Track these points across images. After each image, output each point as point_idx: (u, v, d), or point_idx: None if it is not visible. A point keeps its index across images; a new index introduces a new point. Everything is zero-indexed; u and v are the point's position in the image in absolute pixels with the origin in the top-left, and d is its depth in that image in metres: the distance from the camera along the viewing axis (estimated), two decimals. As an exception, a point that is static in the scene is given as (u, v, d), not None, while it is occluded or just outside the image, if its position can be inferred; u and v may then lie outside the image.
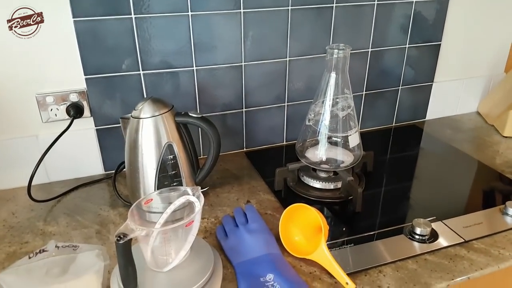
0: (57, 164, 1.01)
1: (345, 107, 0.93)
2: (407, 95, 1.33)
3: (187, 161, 0.87)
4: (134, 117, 0.83)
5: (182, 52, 1.01)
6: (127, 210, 0.91)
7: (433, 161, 1.17)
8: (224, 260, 0.76)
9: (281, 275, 0.71)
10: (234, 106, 1.13)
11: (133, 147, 0.84)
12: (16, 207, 0.94)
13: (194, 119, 0.85)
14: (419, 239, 0.81)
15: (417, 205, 0.95)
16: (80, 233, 0.85)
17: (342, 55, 0.88)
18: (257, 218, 0.85)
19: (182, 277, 0.66)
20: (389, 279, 0.73)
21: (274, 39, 1.09)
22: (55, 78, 0.95)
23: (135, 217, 0.64)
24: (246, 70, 1.09)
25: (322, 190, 0.97)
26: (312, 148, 0.99)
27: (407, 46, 1.25)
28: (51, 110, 0.96)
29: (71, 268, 0.70)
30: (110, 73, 0.98)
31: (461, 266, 0.76)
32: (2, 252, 0.80)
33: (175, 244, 0.67)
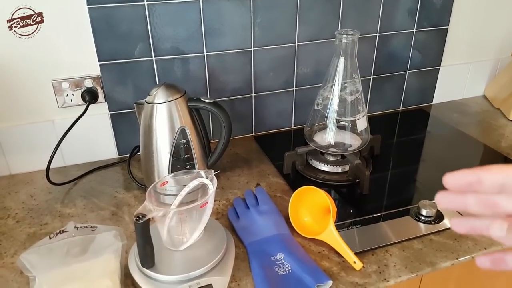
0: (73, 148, 1.04)
1: (353, 92, 0.94)
2: (414, 79, 1.34)
3: (199, 145, 0.89)
4: (149, 102, 0.86)
5: (193, 38, 1.03)
6: (141, 192, 0.95)
7: (440, 144, 1.19)
8: (236, 240, 0.79)
9: (291, 254, 0.74)
10: (243, 91, 1.15)
11: (147, 131, 0.87)
12: (34, 190, 0.97)
13: (206, 104, 0.87)
14: (424, 220, 0.84)
15: (423, 187, 0.97)
16: (96, 215, 0.89)
17: (350, 40, 0.89)
18: (267, 200, 0.88)
19: (197, 255, 0.70)
20: (396, 258, 0.76)
21: (283, 24, 1.10)
22: (70, 64, 0.97)
23: (152, 199, 0.67)
24: (255, 55, 1.11)
25: (330, 173, 1.00)
26: (320, 132, 1.01)
27: (415, 30, 1.25)
28: (66, 95, 0.98)
29: (91, 248, 0.73)
30: (124, 59, 1.00)
31: (466, 246, 0.78)
32: (23, 233, 0.84)
33: (189, 224, 0.70)
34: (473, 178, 0.35)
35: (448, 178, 0.36)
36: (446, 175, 0.36)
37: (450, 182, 0.36)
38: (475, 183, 0.35)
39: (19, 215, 0.89)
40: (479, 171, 0.34)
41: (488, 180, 0.34)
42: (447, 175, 0.36)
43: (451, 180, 0.36)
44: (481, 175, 0.34)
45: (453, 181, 0.36)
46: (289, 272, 0.71)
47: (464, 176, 0.35)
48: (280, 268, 0.72)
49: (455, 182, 0.36)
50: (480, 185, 0.34)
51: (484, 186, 0.34)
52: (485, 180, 0.34)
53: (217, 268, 0.69)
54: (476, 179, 0.34)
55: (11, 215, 0.89)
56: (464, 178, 0.35)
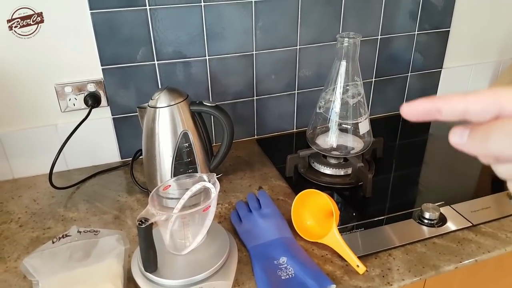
0: (76, 152, 1.04)
1: (355, 95, 0.94)
2: (416, 81, 1.34)
3: (201, 148, 0.89)
4: (151, 106, 0.86)
5: (195, 42, 1.03)
6: (143, 196, 0.95)
7: (442, 146, 1.18)
8: (238, 243, 0.79)
9: (294, 258, 0.74)
10: (245, 94, 1.15)
11: (150, 135, 0.87)
12: (37, 194, 0.97)
13: (208, 108, 0.88)
14: (428, 223, 0.84)
15: (426, 190, 0.97)
16: (99, 219, 0.89)
17: (352, 43, 0.89)
18: (270, 204, 0.88)
19: (199, 259, 0.69)
20: (399, 261, 0.75)
21: (285, 28, 1.10)
22: (73, 68, 0.98)
23: (155, 203, 0.67)
24: (257, 58, 1.11)
25: (332, 176, 0.99)
26: (322, 135, 1.01)
27: (416, 32, 1.25)
28: (69, 99, 0.99)
29: (94, 252, 0.73)
30: (126, 63, 1.00)
31: (469, 249, 0.78)
32: (26, 237, 0.84)
33: (192, 228, 0.70)
34: (459, 106, 0.27)
35: (411, 106, 0.30)
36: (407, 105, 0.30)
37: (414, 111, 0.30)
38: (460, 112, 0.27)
39: (22, 219, 0.89)
40: (465, 97, 0.27)
41: (477, 109, 0.27)
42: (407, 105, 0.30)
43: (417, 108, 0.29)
44: (468, 102, 0.27)
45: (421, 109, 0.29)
46: (292, 276, 0.71)
47: (434, 104, 0.28)
48: (283, 272, 0.72)
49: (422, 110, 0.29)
50: (466, 115, 0.27)
51: (470, 116, 0.27)
52: (472, 110, 0.27)
53: (220, 272, 0.69)
54: (463, 108, 0.27)
55: (14, 219, 0.89)
56: (434, 106, 0.28)
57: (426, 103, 0.29)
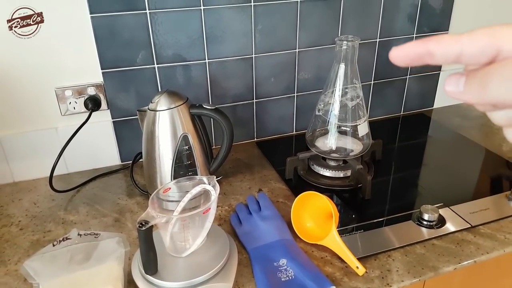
0: (76, 155, 1.05)
1: (354, 97, 0.95)
2: (415, 83, 1.34)
3: (201, 151, 0.90)
4: (151, 109, 0.86)
5: (195, 45, 1.04)
6: (143, 199, 0.95)
7: (441, 148, 1.19)
8: (238, 246, 0.79)
9: (294, 259, 0.74)
10: (244, 97, 1.15)
11: (150, 138, 0.87)
12: (37, 197, 0.98)
13: (208, 111, 0.88)
14: (427, 224, 0.84)
15: (425, 192, 0.98)
16: (99, 222, 0.89)
17: (351, 46, 0.90)
18: (270, 206, 0.88)
19: (200, 262, 0.70)
20: (398, 263, 0.76)
21: (284, 31, 1.11)
22: (73, 72, 0.98)
23: (155, 205, 0.67)
24: (256, 61, 1.11)
25: (332, 178, 1.00)
26: (322, 137, 1.02)
27: (415, 35, 1.26)
28: (69, 103, 0.99)
29: (94, 255, 0.73)
30: (126, 66, 1.00)
31: (468, 250, 0.78)
32: (27, 241, 0.84)
33: (192, 230, 0.70)
34: (453, 48, 0.25)
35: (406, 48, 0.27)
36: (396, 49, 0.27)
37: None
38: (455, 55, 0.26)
39: (23, 222, 0.89)
40: (460, 38, 0.25)
41: (472, 51, 0.25)
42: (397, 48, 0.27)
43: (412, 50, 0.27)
44: (463, 43, 0.25)
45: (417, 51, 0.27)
46: (292, 278, 0.71)
47: (426, 46, 0.26)
48: (283, 274, 0.72)
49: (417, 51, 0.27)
50: (461, 58, 0.26)
51: (465, 59, 0.26)
52: (467, 52, 0.25)
53: (220, 274, 0.69)
54: (458, 50, 0.25)
55: (15, 223, 0.89)
56: (426, 49, 0.26)
57: (418, 45, 0.26)
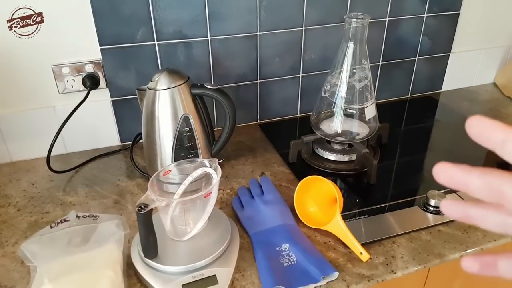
0: (74, 135, 1.02)
1: (362, 78, 0.92)
2: (423, 65, 1.31)
3: (203, 133, 0.87)
4: (151, 88, 0.83)
5: (197, 21, 1.00)
6: (144, 180, 0.93)
7: (448, 133, 1.16)
8: (240, 230, 0.78)
9: (297, 244, 0.73)
10: (248, 77, 1.12)
11: (150, 118, 0.85)
12: (35, 178, 0.96)
13: (210, 91, 0.85)
14: (433, 210, 0.82)
15: (432, 177, 0.94)
16: (99, 203, 0.87)
17: (360, 24, 0.87)
18: (273, 190, 0.87)
19: (201, 246, 0.68)
20: (403, 249, 0.74)
21: (290, 8, 1.07)
22: (70, 49, 0.95)
23: (155, 188, 0.66)
24: (261, 40, 1.08)
25: (336, 162, 0.98)
26: (327, 120, 0.99)
27: (425, 15, 1.22)
28: (67, 81, 0.96)
29: (93, 238, 0.72)
30: (125, 43, 0.97)
31: (475, 237, 0.77)
32: (24, 222, 0.83)
33: (193, 214, 0.69)
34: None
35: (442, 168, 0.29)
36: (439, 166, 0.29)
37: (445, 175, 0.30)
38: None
39: (20, 203, 0.88)
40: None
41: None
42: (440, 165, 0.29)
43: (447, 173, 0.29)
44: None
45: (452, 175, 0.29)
46: (294, 263, 0.70)
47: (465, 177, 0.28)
48: (285, 259, 0.71)
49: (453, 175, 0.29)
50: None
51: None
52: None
53: (221, 258, 0.68)
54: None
55: (12, 203, 0.88)
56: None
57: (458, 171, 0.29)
